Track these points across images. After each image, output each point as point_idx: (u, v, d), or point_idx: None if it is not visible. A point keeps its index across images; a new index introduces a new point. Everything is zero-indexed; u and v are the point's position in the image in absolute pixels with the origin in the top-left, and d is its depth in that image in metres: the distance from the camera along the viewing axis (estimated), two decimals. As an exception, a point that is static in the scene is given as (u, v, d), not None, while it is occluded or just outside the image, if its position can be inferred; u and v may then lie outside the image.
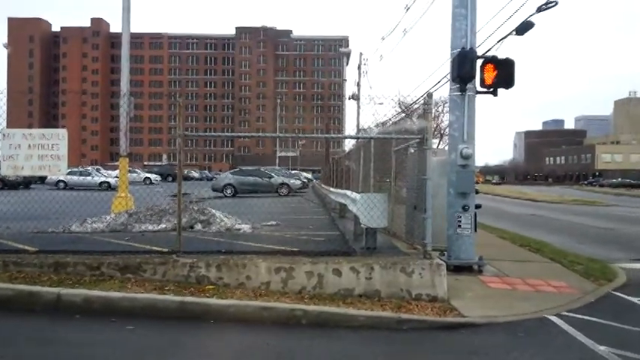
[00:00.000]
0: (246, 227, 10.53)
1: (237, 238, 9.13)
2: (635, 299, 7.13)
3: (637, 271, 9.26)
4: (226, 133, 66.21)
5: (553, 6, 8.28)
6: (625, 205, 33.72)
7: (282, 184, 29.58)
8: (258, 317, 5.75)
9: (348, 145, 21.91)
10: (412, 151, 8.52)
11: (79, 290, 6.10)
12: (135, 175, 39.41)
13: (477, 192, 9.14)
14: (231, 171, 33.24)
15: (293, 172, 47.22)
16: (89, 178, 35.66)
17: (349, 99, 41.49)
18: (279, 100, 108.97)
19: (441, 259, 7.40)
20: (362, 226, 7.99)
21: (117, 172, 18.47)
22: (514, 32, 8.53)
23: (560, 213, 26.01)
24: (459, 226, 8.50)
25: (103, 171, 43.09)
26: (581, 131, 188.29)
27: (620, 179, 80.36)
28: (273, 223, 11.67)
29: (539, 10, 8.35)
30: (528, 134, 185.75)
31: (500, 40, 8.90)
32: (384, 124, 12.74)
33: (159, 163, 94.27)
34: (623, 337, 5.45)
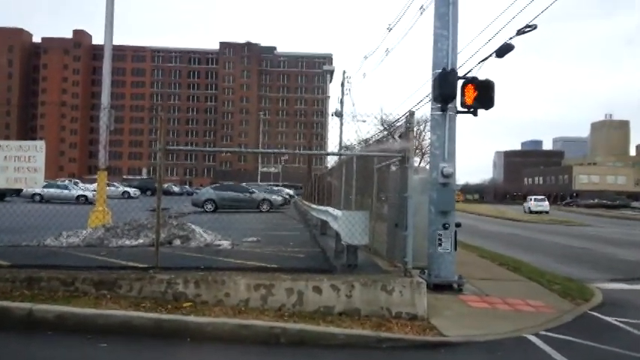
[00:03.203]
0: (226, 243, 10.42)
1: (216, 254, 9.01)
2: (611, 319, 7.21)
3: (613, 292, 9.40)
4: (208, 148, 65.87)
5: (532, 29, 8.48)
6: (600, 226, 34.32)
7: (264, 199, 29.43)
8: (236, 335, 5.65)
9: (331, 161, 22.00)
10: (394, 169, 8.58)
11: (52, 306, 5.93)
12: (113, 188, 38.87)
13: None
14: (212, 186, 32.97)
15: (275, 188, 47.04)
16: (66, 191, 35.06)
17: (332, 116, 41.71)
18: (262, 116, 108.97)
19: (422, 278, 7.41)
20: (343, 243, 7.97)
21: (95, 185, 18.19)
22: (494, 54, 8.71)
23: (538, 232, 26.35)
24: (440, 244, 8.53)
25: (80, 184, 42.41)
26: (558, 152, 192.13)
27: (597, 200, 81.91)
28: (254, 239, 11.58)
29: (519, 33, 8.55)
30: (508, 154, 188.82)
31: (480, 62, 9.08)
32: (366, 141, 12.83)
33: (138, 177, 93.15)
34: (599, 357, 5.51)
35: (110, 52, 13.90)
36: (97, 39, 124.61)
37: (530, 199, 55.50)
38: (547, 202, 54.46)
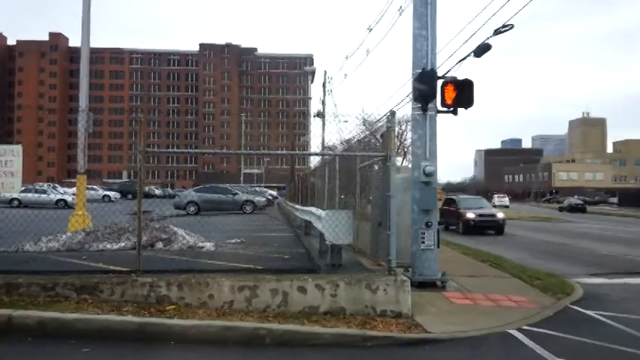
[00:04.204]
0: (209, 245, 10.34)
1: (199, 256, 8.95)
2: (591, 312, 7.34)
3: (593, 286, 9.56)
4: (189, 150, 65.29)
5: (509, 29, 8.60)
6: (580, 222, 34.92)
7: (247, 201, 29.29)
8: (221, 337, 5.61)
9: (314, 162, 21.95)
10: (376, 168, 8.62)
11: (33, 312, 5.82)
12: (93, 192, 38.34)
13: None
14: (195, 188, 32.72)
15: (258, 189, 46.89)
16: (45, 195, 34.40)
17: (314, 117, 41.69)
18: (243, 117, 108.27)
19: (406, 276, 7.46)
20: (327, 243, 7.97)
21: (74, 189, 17.90)
22: (472, 54, 8.80)
23: (519, 229, 26.68)
24: (423, 242, 8.60)
25: (59, 188, 41.71)
26: (538, 150, 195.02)
27: (576, 196, 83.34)
28: (238, 240, 11.51)
29: (496, 32, 8.66)
30: (488, 152, 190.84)
31: (459, 62, 9.18)
32: (348, 141, 12.84)
33: (119, 181, 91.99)
34: (580, 350, 5.60)
35: (87, 55, 13.70)
36: (74, 41, 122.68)
37: (494, 196, 72.47)
38: (507, 198, 73.58)
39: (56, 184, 50.57)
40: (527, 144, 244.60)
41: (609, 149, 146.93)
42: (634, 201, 48.68)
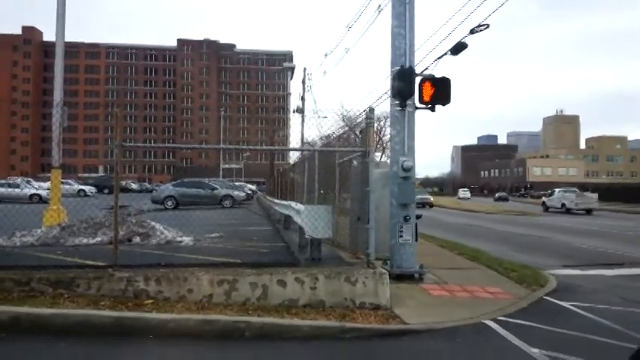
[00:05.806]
0: (188, 239, 10.27)
1: (178, 250, 8.89)
2: (565, 303, 7.53)
3: (566, 277, 9.81)
4: (166, 144, 64.61)
5: (485, 29, 8.73)
6: (553, 215, 35.65)
7: (226, 195, 29.11)
8: (200, 331, 5.60)
9: (293, 157, 21.95)
10: (355, 163, 8.67)
11: (6, 307, 5.71)
12: (68, 187, 37.62)
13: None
14: (173, 183, 32.36)
15: (237, 184, 46.60)
16: (18, 190, 33.67)
17: (294, 112, 41.62)
18: (222, 113, 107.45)
19: (384, 268, 7.53)
20: (307, 237, 8.00)
21: (49, 183, 17.56)
22: (449, 52, 8.92)
23: (496, 223, 27.15)
24: (401, 236, 8.69)
25: (34, 182, 40.82)
26: (513, 146, 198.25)
27: (550, 191, 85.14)
28: (217, 235, 11.45)
29: (472, 32, 8.79)
30: (465, 148, 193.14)
31: (437, 60, 9.29)
32: (328, 137, 12.89)
33: (95, 175, 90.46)
34: (554, 339, 5.74)
35: (62, 49, 13.41)
36: (49, 36, 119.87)
37: (460, 190, 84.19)
38: (469, 192, 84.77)
39: (30, 179, 49.47)
40: (502, 140, 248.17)
41: (582, 145, 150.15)
42: (605, 195, 50.20)
